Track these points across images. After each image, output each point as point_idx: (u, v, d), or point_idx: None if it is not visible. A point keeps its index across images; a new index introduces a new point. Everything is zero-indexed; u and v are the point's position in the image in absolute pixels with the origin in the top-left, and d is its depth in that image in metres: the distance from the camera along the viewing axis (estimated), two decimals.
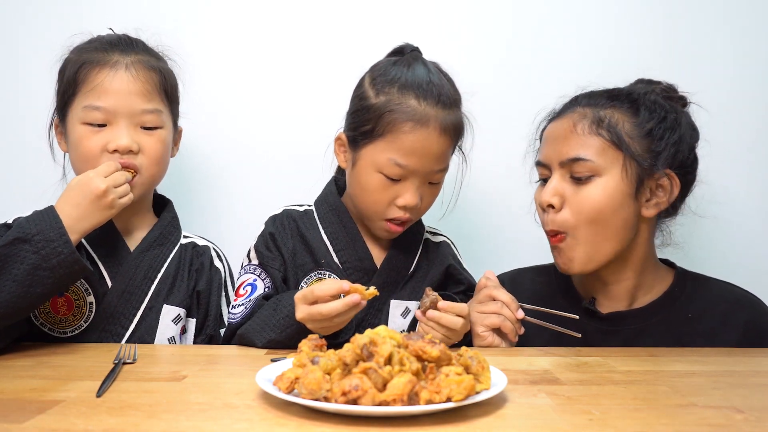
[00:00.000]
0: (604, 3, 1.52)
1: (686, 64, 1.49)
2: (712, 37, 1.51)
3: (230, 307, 1.17)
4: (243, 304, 1.13)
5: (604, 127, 1.08)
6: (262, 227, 1.23)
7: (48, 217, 0.96)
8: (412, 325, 1.17)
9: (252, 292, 1.14)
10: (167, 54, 1.22)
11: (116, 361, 0.87)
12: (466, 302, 1.09)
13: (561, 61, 1.51)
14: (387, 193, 1.12)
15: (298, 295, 0.99)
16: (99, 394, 0.72)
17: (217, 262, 1.25)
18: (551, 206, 1.10)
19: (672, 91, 1.16)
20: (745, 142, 1.51)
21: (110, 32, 1.19)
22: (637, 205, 1.09)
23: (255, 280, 1.16)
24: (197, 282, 1.20)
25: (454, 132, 1.14)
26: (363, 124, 1.12)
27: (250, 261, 1.20)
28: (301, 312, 0.98)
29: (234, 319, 1.12)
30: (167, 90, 1.16)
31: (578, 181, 1.08)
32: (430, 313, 1.00)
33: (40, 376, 0.82)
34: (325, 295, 0.97)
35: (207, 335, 1.19)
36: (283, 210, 1.25)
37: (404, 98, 1.09)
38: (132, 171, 1.09)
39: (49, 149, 1.21)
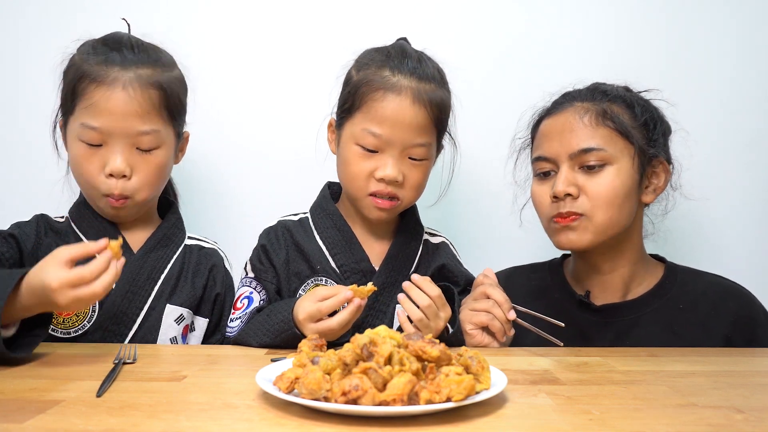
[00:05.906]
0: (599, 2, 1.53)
1: (677, 63, 1.52)
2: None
3: (228, 320, 1.17)
4: (240, 317, 1.14)
5: (609, 117, 1.12)
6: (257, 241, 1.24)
7: None
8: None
9: (249, 305, 1.15)
10: (178, 57, 1.18)
11: (116, 361, 0.87)
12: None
13: (558, 53, 1.53)
14: (366, 165, 1.12)
15: (304, 316, 0.98)
16: (99, 394, 0.72)
17: (226, 265, 1.26)
18: (569, 195, 1.11)
19: (630, 90, 1.21)
20: (743, 141, 1.52)
21: (123, 22, 1.17)
22: (639, 193, 1.14)
23: (251, 293, 1.17)
24: (215, 283, 1.21)
25: (431, 104, 1.11)
26: (345, 103, 1.15)
27: (246, 274, 1.21)
28: (310, 331, 0.98)
29: (232, 332, 1.13)
30: (169, 106, 1.11)
31: (590, 169, 1.11)
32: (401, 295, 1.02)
33: (40, 376, 0.82)
34: (330, 311, 0.97)
35: (222, 335, 1.19)
36: (278, 221, 1.25)
37: (379, 71, 1.12)
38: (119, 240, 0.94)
39: (54, 147, 1.19)
